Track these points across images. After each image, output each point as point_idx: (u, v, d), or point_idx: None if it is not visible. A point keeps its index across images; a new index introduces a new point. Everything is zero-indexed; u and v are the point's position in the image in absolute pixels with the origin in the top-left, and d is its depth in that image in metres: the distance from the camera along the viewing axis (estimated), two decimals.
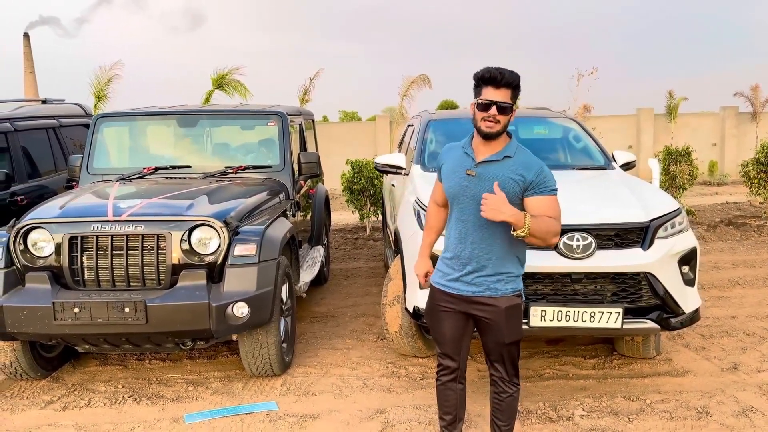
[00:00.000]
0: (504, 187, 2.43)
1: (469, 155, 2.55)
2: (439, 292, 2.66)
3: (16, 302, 3.52)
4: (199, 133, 5.24)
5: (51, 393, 3.87)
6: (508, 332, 2.58)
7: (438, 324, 2.71)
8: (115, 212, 3.73)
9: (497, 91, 2.41)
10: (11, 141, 5.37)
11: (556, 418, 3.48)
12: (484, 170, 2.50)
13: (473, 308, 2.59)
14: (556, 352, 4.44)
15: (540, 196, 2.47)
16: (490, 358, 2.71)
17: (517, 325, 2.62)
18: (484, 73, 2.43)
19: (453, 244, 2.61)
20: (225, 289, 3.62)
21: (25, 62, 20.91)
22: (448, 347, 2.73)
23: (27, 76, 20.88)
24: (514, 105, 2.48)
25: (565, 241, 3.52)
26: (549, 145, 5.34)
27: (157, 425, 3.43)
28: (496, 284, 2.55)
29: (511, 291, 2.57)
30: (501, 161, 2.50)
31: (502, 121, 2.45)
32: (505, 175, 2.47)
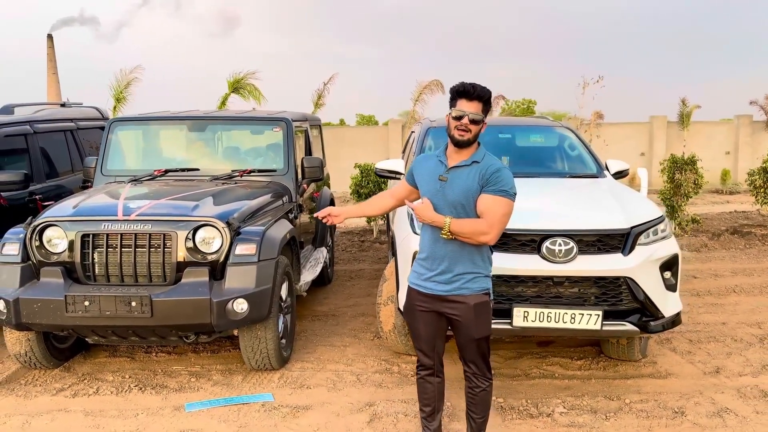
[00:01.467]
0: (469, 188, 2.65)
1: (443, 162, 2.76)
2: (415, 291, 2.85)
3: (30, 295, 3.77)
4: (208, 138, 5.48)
5: (62, 381, 4.12)
6: (477, 328, 2.77)
7: (414, 322, 2.90)
8: (125, 212, 3.97)
9: (470, 103, 2.64)
10: (30, 143, 5.66)
11: (537, 414, 3.65)
12: (454, 175, 2.71)
13: (445, 306, 2.77)
14: (545, 354, 4.61)
15: (487, 195, 2.64)
16: (463, 354, 2.90)
17: (486, 321, 2.80)
18: (459, 87, 2.66)
19: (427, 245, 2.80)
20: (226, 286, 3.85)
21: (48, 63, 21.32)
22: (423, 344, 2.92)
23: (50, 77, 21.32)
24: (485, 118, 2.71)
25: (548, 246, 3.69)
26: (544, 153, 5.51)
27: (159, 412, 3.66)
28: (466, 283, 2.73)
29: (480, 289, 2.76)
30: (469, 166, 2.70)
31: (473, 130, 2.67)
32: (471, 178, 2.67)
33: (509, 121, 6.30)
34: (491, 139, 5.49)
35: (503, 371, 4.28)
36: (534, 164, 5.28)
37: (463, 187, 2.67)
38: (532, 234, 3.74)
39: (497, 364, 4.39)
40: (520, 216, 3.85)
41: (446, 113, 2.75)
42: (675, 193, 9.35)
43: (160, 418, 3.58)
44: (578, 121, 17.09)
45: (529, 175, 4.93)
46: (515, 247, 3.75)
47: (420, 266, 2.84)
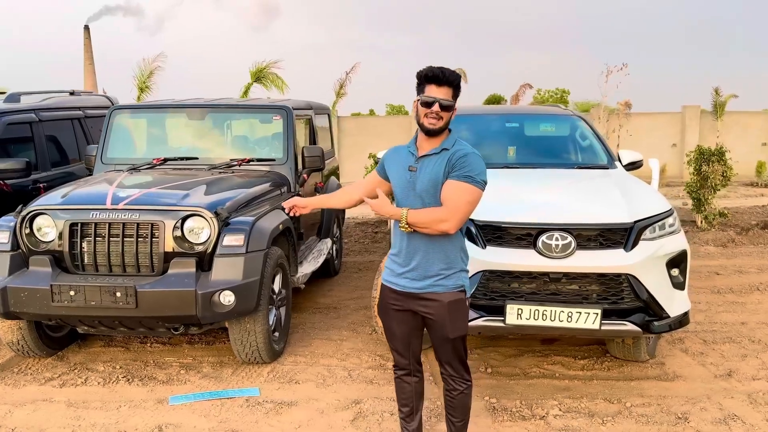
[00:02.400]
0: (437, 176, 2.49)
1: (413, 153, 2.60)
2: (388, 289, 2.69)
3: (18, 283, 3.75)
4: (208, 126, 5.40)
5: (53, 370, 4.10)
6: (451, 328, 2.60)
7: (388, 321, 2.75)
8: (114, 201, 3.91)
9: (439, 89, 2.47)
10: (36, 131, 5.66)
11: (530, 416, 3.48)
12: (423, 164, 2.54)
13: (418, 305, 2.62)
14: (547, 352, 4.42)
15: (451, 180, 2.47)
16: (438, 355, 2.73)
17: (462, 320, 2.63)
18: (427, 72, 2.48)
19: (398, 239, 2.64)
20: (212, 277, 3.76)
21: (85, 54, 21.57)
22: (398, 344, 2.78)
23: (86, 67, 21.58)
24: (455, 103, 2.53)
25: (544, 240, 3.51)
26: (553, 142, 5.30)
27: (141, 405, 3.60)
28: (440, 280, 2.57)
29: (455, 287, 2.59)
30: (438, 154, 2.53)
31: (444, 117, 2.49)
32: (438, 165, 2.50)
33: (517, 110, 6.09)
34: (498, 128, 5.32)
35: (501, 370, 4.12)
36: (541, 154, 5.08)
37: (430, 175, 2.51)
38: (527, 227, 3.56)
39: (496, 362, 4.23)
40: (515, 208, 3.71)
41: (414, 99, 2.57)
42: (702, 185, 8.99)
43: (141, 411, 3.52)
44: (601, 109, 16.57)
45: (535, 166, 4.75)
46: (510, 241, 3.58)
47: (392, 262, 2.68)
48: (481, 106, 5.52)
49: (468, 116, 5.58)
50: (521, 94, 18.71)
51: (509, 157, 4.97)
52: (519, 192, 4.03)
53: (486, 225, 3.58)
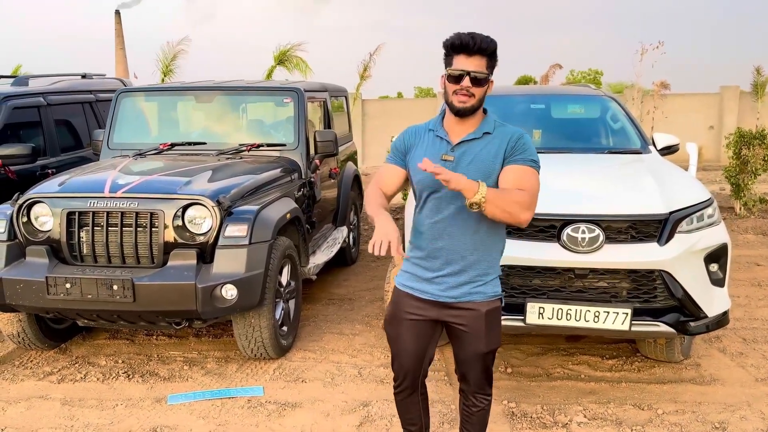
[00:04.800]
0: (491, 164, 2.14)
1: (443, 138, 2.20)
2: (407, 296, 2.29)
3: (14, 275, 3.59)
4: (216, 109, 5.18)
5: (54, 364, 3.96)
6: (488, 340, 2.28)
7: (401, 334, 2.34)
8: (112, 188, 3.72)
9: (470, 59, 2.10)
10: (44, 115, 5.51)
11: (551, 424, 3.21)
12: (463, 152, 2.17)
13: (447, 315, 2.27)
14: (572, 350, 4.13)
15: (515, 165, 2.14)
16: (462, 369, 2.39)
17: (498, 332, 2.33)
18: (455, 39, 2.10)
19: (426, 240, 2.24)
20: (214, 270, 3.56)
21: (116, 39, 21.54)
22: (409, 360, 2.37)
23: (117, 52, 21.57)
24: (490, 75, 2.16)
25: (569, 233, 3.21)
26: (582, 125, 4.96)
27: (139, 404, 3.43)
28: (479, 287, 2.23)
29: (493, 294, 2.27)
30: (480, 138, 2.17)
31: (477, 93, 2.12)
32: (489, 153, 2.15)
33: (544, 90, 5.73)
34: (523, 109, 5.00)
35: (522, 370, 3.85)
36: (569, 138, 4.74)
37: (481, 163, 2.14)
38: (551, 219, 3.26)
39: (517, 361, 3.96)
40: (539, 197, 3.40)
41: (441, 75, 2.19)
42: (741, 170, 8.50)
43: (137, 411, 3.35)
44: (635, 90, 15.93)
45: (562, 151, 4.42)
46: (531, 233, 3.28)
47: (415, 265, 2.28)
48: (504, 86, 5.19)
49: (491, 97, 5.24)
50: (551, 74, 18.13)
51: (534, 141, 4.62)
52: (542, 179, 3.71)
53: None
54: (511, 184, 2.10)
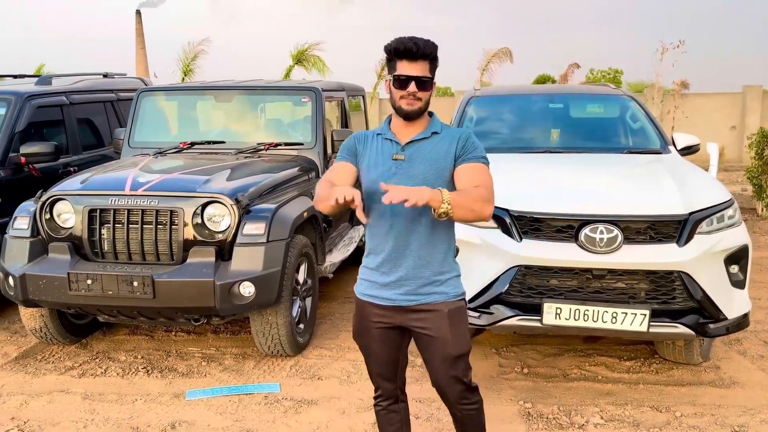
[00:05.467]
0: (438, 163, 2.14)
1: (392, 140, 2.18)
2: (368, 305, 2.23)
3: (36, 271, 3.66)
4: (235, 109, 5.23)
5: (75, 359, 4.03)
6: (455, 343, 2.18)
7: (371, 344, 2.30)
8: (133, 186, 3.78)
9: (414, 64, 2.09)
10: (66, 114, 5.60)
11: (567, 425, 3.20)
12: (415, 150, 2.15)
13: (410, 320, 2.20)
14: (590, 351, 4.11)
15: (466, 164, 2.13)
16: (437, 380, 2.28)
17: (465, 333, 2.23)
18: (398, 45, 2.08)
19: (379, 244, 2.18)
20: (232, 267, 3.60)
21: (137, 38, 21.69)
22: (385, 369, 2.34)
23: (138, 51, 21.76)
24: (434, 78, 2.16)
25: (587, 233, 3.19)
26: (601, 125, 4.93)
27: (158, 399, 3.48)
28: (438, 287, 2.18)
29: (455, 294, 2.21)
30: (429, 138, 2.17)
31: (424, 97, 2.12)
32: (438, 151, 2.15)
33: (562, 89, 5.69)
34: (541, 109, 4.97)
35: (538, 370, 3.83)
36: (587, 138, 4.71)
37: (434, 161, 2.14)
38: (568, 219, 3.24)
39: (533, 361, 3.94)
40: (555, 197, 3.40)
41: (385, 79, 2.20)
42: (764, 171, 8.38)
43: (156, 406, 3.39)
44: (655, 89, 15.75)
45: (580, 150, 4.40)
46: (549, 233, 3.27)
47: (371, 271, 2.22)
48: (522, 85, 5.19)
49: (508, 96, 5.25)
50: (570, 74, 18.02)
51: (552, 140, 4.63)
52: (560, 179, 3.71)
53: (522, 215, 3.28)
54: (468, 183, 2.10)
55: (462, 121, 4.73)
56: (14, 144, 4.97)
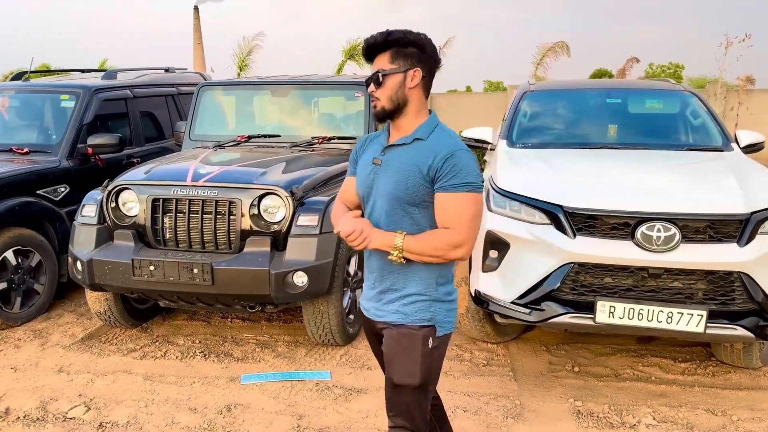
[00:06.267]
0: (406, 177, 1.91)
1: (383, 143, 2.03)
2: (362, 314, 2.19)
3: (102, 256, 3.85)
4: (291, 103, 5.34)
5: (136, 342, 4.21)
6: (398, 369, 1.97)
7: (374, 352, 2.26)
8: (194, 177, 3.91)
9: (376, 61, 1.93)
10: (130, 107, 5.84)
11: (618, 425, 3.16)
12: (390, 156, 1.97)
13: (378, 330, 2.08)
14: (643, 352, 4.03)
15: (442, 194, 1.87)
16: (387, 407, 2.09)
17: (412, 365, 1.95)
18: (362, 47, 1.95)
19: (368, 256, 2.08)
20: (286, 257, 3.69)
21: (194, 34, 22.19)
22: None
23: (195, 46, 22.29)
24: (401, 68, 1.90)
25: (643, 231, 3.14)
26: (660, 121, 4.81)
27: (214, 382, 3.61)
28: (403, 307, 1.97)
29: (417, 319, 1.95)
30: (409, 145, 1.94)
31: (381, 95, 1.92)
32: (409, 162, 1.91)
33: (620, 84, 5.57)
34: (598, 104, 4.89)
35: (590, 369, 3.79)
36: (645, 134, 4.60)
37: (397, 173, 1.92)
38: (625, 216, 3.19)
39: (584, 360, 3.90)
40: (612, 194, 3.36)
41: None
42: None
43: (213, 389, 3.53)
44: (718, 85, 15.15)
45: (638, 147, 4.31)
46: (604, 230, 3.23)
47: (366, 281, 2.13)
48: (579, 80, 5.12)
49: (564, 91, 5.18)
50: (628, 68, 17.52)
51: (609, 136, 4.54)
52: (617, 175, 3.66)
53: (577, 212, 3.25)
54: (440, 221, 1.89)
55: (516, 116, 4.70)
56: (82, 135, 5.22)
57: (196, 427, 3.11)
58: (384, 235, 1.90)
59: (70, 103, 5.37)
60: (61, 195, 4.95)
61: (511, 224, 3.44)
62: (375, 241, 1.90)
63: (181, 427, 3.12)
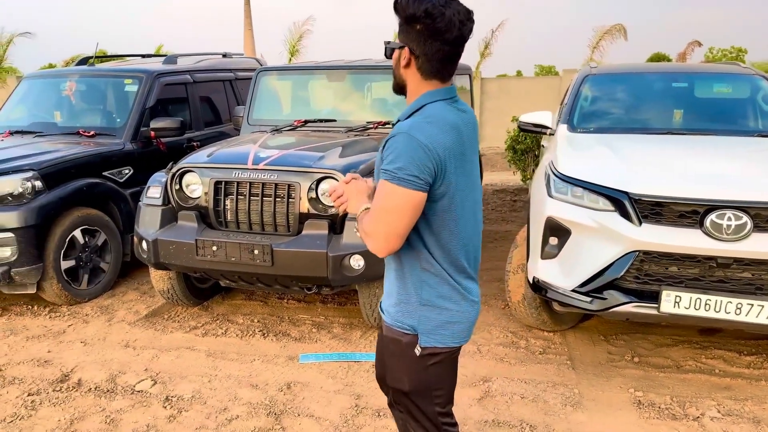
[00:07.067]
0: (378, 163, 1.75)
1: None
2: None
3: (167, 237, 3.97)
4: (347, 88, 5.36)
5: (197, 320, 4.35)
6: (389, 370, 1.86)
7: None
8: (255, 161, 3.99)
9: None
10: (190, 92, 5.98)
11: (681, 416, 3.09)
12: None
13: None
14: (706, 343, 3.92)
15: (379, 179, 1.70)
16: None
17: (399, 369, 1.82)
18: None
19: None
20: (344, 240, 3.73)
21: (245, 20, 22.53)
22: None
23: (246, 32, 22.66)
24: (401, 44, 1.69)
25: (713, 219, 3.04)
26: (729, 105, 4.63)
27: (274, 360, 3.70)
28: (390, 307, 1.83)
29: (398, 324, 1.78)
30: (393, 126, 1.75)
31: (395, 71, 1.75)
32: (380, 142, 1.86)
33: (687, 68, 5.38)
34: (663, 88, 4.74)
35: (650, 360, 3.72)
36: (714, 119, 4.44)
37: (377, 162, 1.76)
38: (693, 204, 3.10)
39: (644, 351, 3.82)
40: (679, 181, 3.26)
41: None
42: None
43: (273, 366, 3.61)
44: None
45: (706, 132, 4.16)
46: (671, 218, 3.14)
47: None
48: (642, 64, 4.97)
49: (627, 75, 5.04)
50: (689, 52, 16.92)
51: (675, 121, 4.40)
52: (685, 162, 3.55)
53: (643, 199, 3.17)
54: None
55: (577, 100, 4.60)
56: (144, 119, 5.38)
57: (258, 403, 3.19)
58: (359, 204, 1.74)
59: (134, 88, 5.53)
60: (125, 177, 5.13)
61: (573, 210, 3.38)
62: (351, 206, 1.77)
63: (244, 402, 3.21)
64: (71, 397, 3.29)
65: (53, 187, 4.52)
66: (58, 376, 3.52)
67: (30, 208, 4.35)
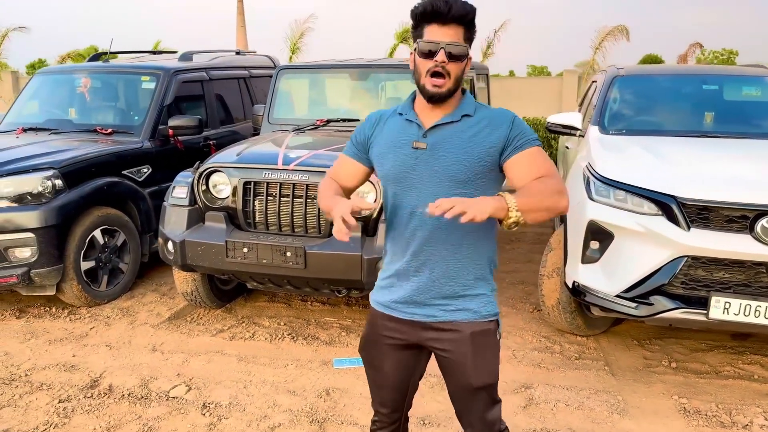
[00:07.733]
0: (468, 155, 1.75)
1: (413, 121, 1.81)
2: (382, 316, 1.91)
3: (195, 238, 3.88)
4: (369, 87, 5.28)
5: (223, 322, 4.26)
6: (475, 371, 1.83)
7: (379, 361, 1.96)
8: (285, 161, 3.90)
9: (444, 29, 1.71)
10: (206, 89, 5.88)
11: (730, 424, 3.05)
12: (438, 137, 1.78)
13: (427, 338, 1.86)
14: (741, 349, 3.88)
15: (521, 153, 1.74)
16: (457, 410, 1.96)
17: (490, 362, 1.86)
18: (426, 6, 1.71)
19: (400, 249, 1.85)
20: (378, 243, 3.66)
21: (237, 17, 22.43)
22: (389, 393, 1.99)
23: (239, 29, 22.57)
24: (469, 49, 1.76)
25: (764, 225, 3.00)
26: (760, 108, 4.58)
27: (308, 365, 3.62)
28: (463, 303, 1.82)
29: (486, 314, 1.83)
30: (458, 122, 1.78)
31: (453, 71, 1.72)
32: (468, 138, 1.76)
33: (716, 70, 5.33)
34: (692, 90, 4.70)
35: (687, 365, 3.67)
36: (747, 123, 4.41)
37: (460, 150, 1.75)
38: (743, 209, 3.05)
39: (680, 356, 3.78)
40: (728, 185, 3.21)
41: (410, 51, 1.85)
42: None
43: (308, 372, 3.53)
44: None
45: (741, 136, 4.12)
46: (720, 223, 3.09)
47: (389, 277, 1.90)
48: (669, 66, 4.92)
49: (656, 76, 5.00)
50: (690, 54, 16.96)
51: (706, 124, 4.36)
52: (729, 165, 3.50)
53: (692, 203, 3.12)
54: (530, 175, 1.72)
55: (606, 102, 4.55)
56: (162, 117, 5.27)
57: (299, 411, 3.12)
58: (486, 201, 1.56)
59: (151, 85, 5.42)
60: (144, 176, 5.03)
61: (616, 214, 3.33)
62: (486, 208, 1.54)
63: (284, 409, 3.13)
64: (104, 404, 3.20)
65: (74, 186, 4.41)
66: (88, 382, 3.43)
67: (50, 207, 4.24)
